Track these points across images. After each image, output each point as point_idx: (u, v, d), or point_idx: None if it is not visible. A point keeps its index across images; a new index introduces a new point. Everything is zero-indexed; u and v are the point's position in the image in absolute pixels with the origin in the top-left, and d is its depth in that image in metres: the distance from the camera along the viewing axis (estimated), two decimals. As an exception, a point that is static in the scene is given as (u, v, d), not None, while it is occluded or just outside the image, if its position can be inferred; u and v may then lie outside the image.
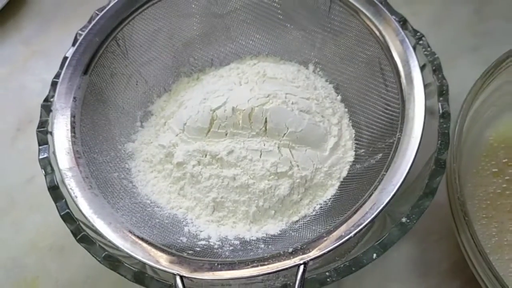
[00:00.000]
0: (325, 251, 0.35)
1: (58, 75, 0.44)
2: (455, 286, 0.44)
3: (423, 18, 0.60)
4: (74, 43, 0.46)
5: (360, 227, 0.35)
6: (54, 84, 0.44)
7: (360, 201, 0.37)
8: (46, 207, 0.48)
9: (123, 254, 0.37)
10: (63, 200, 0.40)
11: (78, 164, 0.40)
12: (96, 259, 0.37)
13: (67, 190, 0.39)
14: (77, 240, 0.38)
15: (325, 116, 0.47)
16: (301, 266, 0.34)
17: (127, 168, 0.47)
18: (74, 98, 0.43)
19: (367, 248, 0.36)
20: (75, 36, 0.47)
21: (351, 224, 0.36)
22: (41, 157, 0.42)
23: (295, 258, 0.35)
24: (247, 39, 0.53)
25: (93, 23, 0.46)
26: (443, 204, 0.42)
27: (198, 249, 0.40)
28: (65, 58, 0.45)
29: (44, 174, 0.41)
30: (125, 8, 0.47)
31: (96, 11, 0.47)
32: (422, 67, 0.43)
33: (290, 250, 0.36)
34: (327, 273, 0.36)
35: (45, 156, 0.42)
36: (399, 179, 0.37)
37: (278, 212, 0.44)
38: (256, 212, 0.43)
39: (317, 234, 0.38)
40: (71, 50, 0.45)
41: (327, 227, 0.39)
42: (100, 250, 0.38)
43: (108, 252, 0.38)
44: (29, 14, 0.66)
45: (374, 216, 0.36)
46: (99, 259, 0.37)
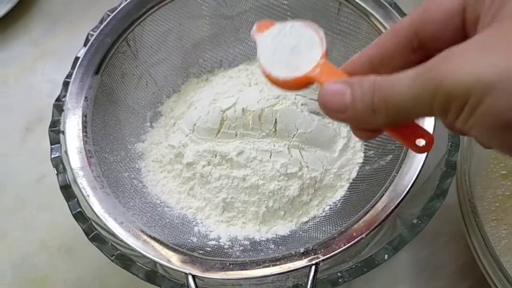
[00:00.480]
0: (336, 252, 0.35)
1: (69, 75, 0.45)
2: (463, 288, 0.45)
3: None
4: (86, 43, 0.46)
5: (372, 228, 0.36)
6: (66, 84, 0.44)
7: (371, 202, 0.38)
8: (56, 206, 0.49)
9: (134, 254, 0.38)
10: (75, 199, 0.40)
11: (90, 164, 0.40)
12: (109, 258, 0.38)
13: (79, 189, 0.39)
14: (89, 239, 0.38)
15: (334, 117, 0.47)
16: (313, 267, 0.35)
17: (137, 168, 0.47)
18: (86, 97, 0.43)
19: (379, 249, 0.36)
20: (87, 37, 0.47)
21: (362, 225, 0.36)
22: (53, 156, 0.42)
23: (307, 259, 0.35)
24: (256, 40, 0.54)
25: (104, 23, 0.46)
26: (452, 205, 0.42)
27: (209, 249, 0.40)
28: (76, 58, 0.45)
29: (56, 173, 0.41)
30: (136, 9, 0.47)
31: (107, 12, 0.47)
32: (432, 70, 0.43)
33: (302, 251, 0.36)
34: (338, 273, 0.36)
35: (57, 155, 0.42)
36: (409, 181, 0.37)
37: (288, 213, 0.44)
38: (265, 213, 0.44)
39: (327, 235, 0.38)
40: (82, 51, 0.45)
41: (337, 228, 0.39)
42: (112, 249, 0.38)
43: (120, 251, 0.38)
44: (38, 15, 0.66)
45: (385, 217, 0.36)
46: (111, 258, 0.37)
